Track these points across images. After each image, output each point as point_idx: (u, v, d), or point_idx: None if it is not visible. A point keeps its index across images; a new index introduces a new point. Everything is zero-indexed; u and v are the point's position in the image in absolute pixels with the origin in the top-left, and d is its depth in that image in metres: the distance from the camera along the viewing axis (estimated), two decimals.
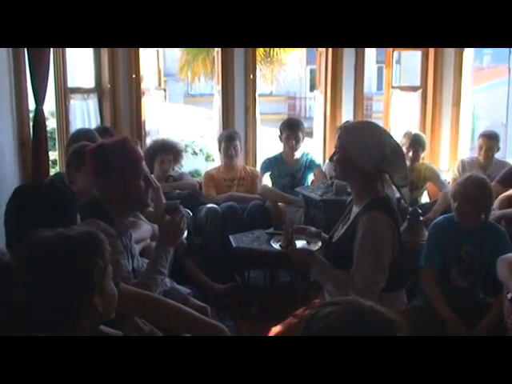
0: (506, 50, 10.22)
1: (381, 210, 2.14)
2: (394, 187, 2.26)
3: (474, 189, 2.69)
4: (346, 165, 2.20)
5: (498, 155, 4.54)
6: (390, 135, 2.27)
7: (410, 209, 3.55)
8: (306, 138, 4.56)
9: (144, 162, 2.26)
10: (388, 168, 2.16)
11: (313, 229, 2.56)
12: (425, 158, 4.66)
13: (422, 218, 3.51)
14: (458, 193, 2.73)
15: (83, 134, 3.30)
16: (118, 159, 2.09)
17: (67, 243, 1.32)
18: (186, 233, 2.29)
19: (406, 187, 2.24)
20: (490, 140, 4.41)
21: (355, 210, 2.24)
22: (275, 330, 2.35)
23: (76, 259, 1.30)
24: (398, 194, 2.40)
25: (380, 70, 14.43)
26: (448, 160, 5.14)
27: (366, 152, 2.14)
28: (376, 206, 2.14)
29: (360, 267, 2.10)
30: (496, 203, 3.47)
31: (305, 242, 2.50)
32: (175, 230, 2.18)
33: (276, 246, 2.63)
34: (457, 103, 5.06)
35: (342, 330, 1.00)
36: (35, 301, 1.29)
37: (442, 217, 2.99)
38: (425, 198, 4.59)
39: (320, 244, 2.42)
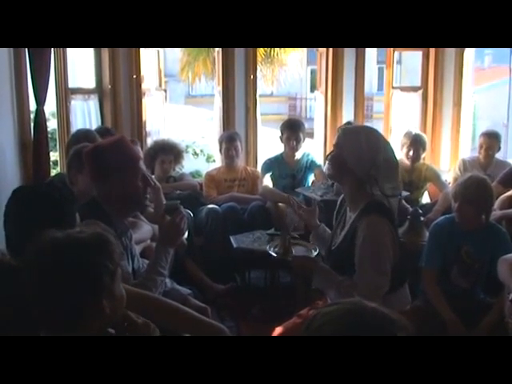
0: (507, 50, 10.22)
1: (378, 213, 2.14)
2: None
3: (475, 189, 2.68)
4: (338, 164, 2.23)
5: (498, 155, 4.54)
6: (388, 145, 2.26)
7: (411, 209, 3.55)
8: (307, 139, 4.56)
9: (142, 162, 2.26)
10: (377, 175, 2.16)
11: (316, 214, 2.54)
12: (425, 158, 4.66)
13: (422, 219, 3.52)
14: (458, 193, 2.73)
15: (83, 134, 3.30)
16: (114, 159, 2.09)
17: (77, 245, 1.31)
18: (186, 233, 2.28)
19: (394, 197, 2.23)
20: (491, 139, 4.41)
21: (350, 214, 2.24)
22: (280, 330, 2.35)
23: (86, 262, 1.29)
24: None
25: (381, 71, 14.39)
26: (449, 160, 5.14)
27: (357, 154, 2.15)
28: (373, 210, 2.14)
29: (363, 273, 2.10)
30: (497, 203, 3.48)
31: (303, 249, 2.49)
32: (175, 230, 2.17)
33: (273, 253, 2.60)
34: (457, 103, 5.05)
35: (340, 328, 1.00)
36: (41, 302, 1.28)
37: (442, 217, 2.99)
38: (426, 199, 4.59)
39: (317, 251, 2.40)
